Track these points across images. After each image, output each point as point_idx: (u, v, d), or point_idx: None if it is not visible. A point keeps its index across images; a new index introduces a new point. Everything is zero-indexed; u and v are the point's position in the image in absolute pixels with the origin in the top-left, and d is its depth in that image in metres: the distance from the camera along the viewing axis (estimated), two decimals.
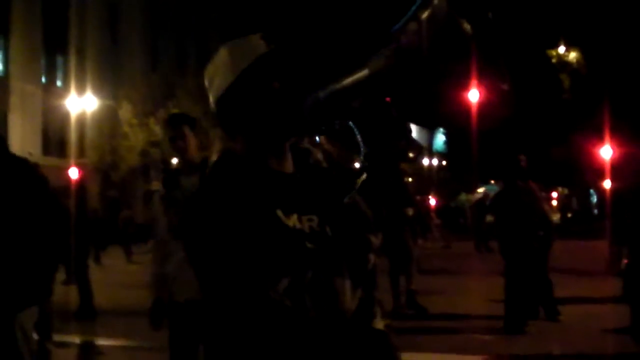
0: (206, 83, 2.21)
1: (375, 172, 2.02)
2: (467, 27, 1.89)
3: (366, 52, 2.00)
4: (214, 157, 2.21)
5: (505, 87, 1.95)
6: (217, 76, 2.17)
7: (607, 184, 37.06)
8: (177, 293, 5.00)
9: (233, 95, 2.12)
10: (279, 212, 2.02)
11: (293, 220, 2.03)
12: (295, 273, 1.91)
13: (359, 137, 2.04)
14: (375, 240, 3.35)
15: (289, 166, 2.17)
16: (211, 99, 2.20)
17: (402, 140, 2.13)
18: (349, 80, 1.98)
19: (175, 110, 39.26)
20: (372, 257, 2.42)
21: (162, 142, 39.62)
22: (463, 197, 49.66)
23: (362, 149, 2.05)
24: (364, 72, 1.96)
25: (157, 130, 39.08)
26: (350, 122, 2.05)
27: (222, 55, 2.18)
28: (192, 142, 5.26)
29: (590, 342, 9.17)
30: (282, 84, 2.10)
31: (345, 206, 2.11)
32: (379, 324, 2.24)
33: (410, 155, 2.37)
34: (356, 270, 2.07)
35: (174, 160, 43.19)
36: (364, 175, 2.00)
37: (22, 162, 4.69)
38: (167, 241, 5.05)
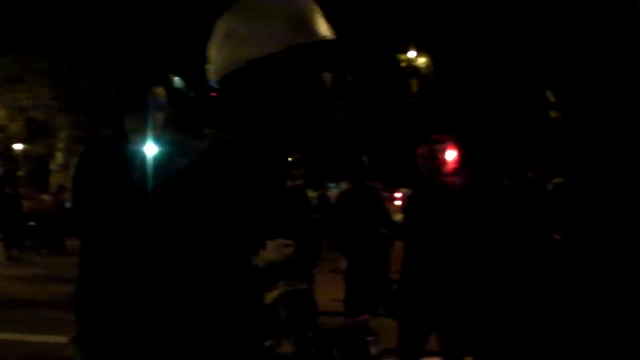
0: (221, 31, 1.73)
1: None
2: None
3: None
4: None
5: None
6: (247, 31, 1.67)
7: None
8: None
9: (271, 66, 1.67)
10: None
11: None
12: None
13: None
14: None
15: None
16: (227, 56, 1.71)
17: None
18: None
19: (22, 95, 37.63)
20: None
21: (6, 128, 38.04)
22: (311, 194, 49.95)
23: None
24: None
25: (2, 114, 37.44)
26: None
27: (265, 11, 1.69)
28: None
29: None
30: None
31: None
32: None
33: None
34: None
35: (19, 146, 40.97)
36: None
37: None
38: None
